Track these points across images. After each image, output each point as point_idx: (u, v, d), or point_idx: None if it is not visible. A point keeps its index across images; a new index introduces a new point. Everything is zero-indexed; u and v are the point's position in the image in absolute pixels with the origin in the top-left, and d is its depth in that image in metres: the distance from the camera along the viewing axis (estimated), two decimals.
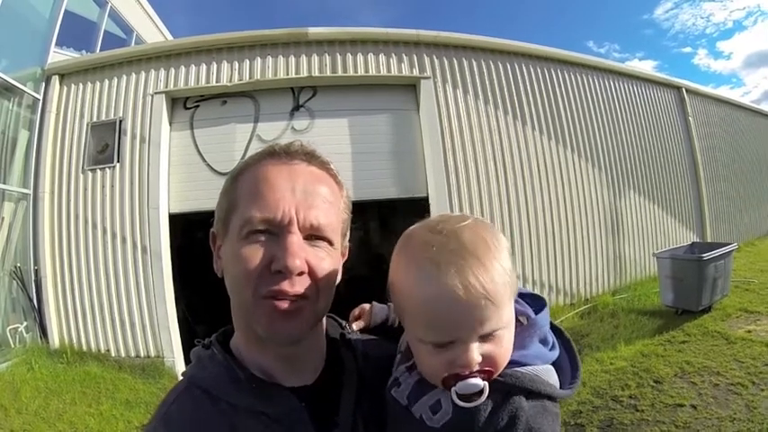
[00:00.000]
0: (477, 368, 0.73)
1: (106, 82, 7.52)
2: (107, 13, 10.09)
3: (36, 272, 7.05)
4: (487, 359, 0.73)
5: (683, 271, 6.48)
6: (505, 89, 8.14)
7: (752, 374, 4.59)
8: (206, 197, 7.24)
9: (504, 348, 0.75)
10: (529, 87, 8.34)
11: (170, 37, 13.49)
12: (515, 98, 8.17)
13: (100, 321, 6.99)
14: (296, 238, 0.77)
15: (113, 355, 6.90)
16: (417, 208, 7.54)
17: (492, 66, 8.15)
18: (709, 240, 10.07)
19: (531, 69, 8.44)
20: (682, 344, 5.67)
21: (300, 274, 0.77)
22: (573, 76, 8.88)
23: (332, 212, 0.84)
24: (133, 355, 6.91)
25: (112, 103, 7.42)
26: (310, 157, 0.87)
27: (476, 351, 0.72)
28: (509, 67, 8.27)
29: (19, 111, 7.36)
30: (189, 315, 8.25)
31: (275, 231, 0.78)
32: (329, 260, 0.83)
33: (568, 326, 6.92)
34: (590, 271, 8.38)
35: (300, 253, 0.77)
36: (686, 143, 10.85)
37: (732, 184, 12.40)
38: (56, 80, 7.51)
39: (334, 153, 0.97)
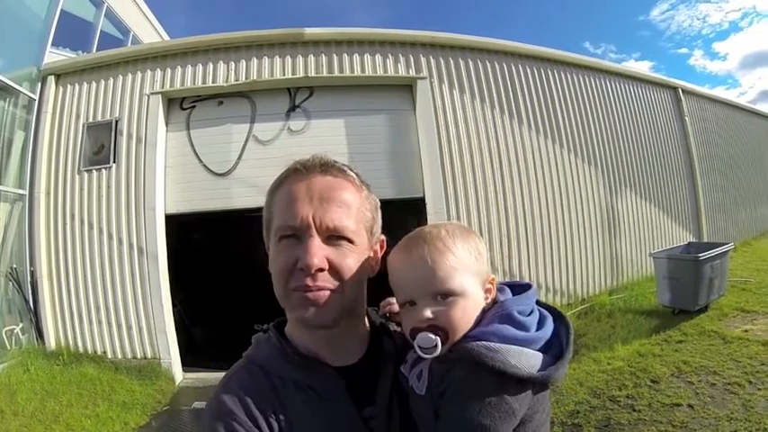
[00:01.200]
0: (429, 324, 0.90)
1: (102, 82, 7.50)
2: (103, 14, 10.06)
3: (32, 273, 7.03)
4: (440, 318, 0.90)
5: (680, 271, 6.50)
6: (502, 89, 8.14)
7: (749, 374, 4.61)
8: (202, 198, 7.25)
9: (457, 312, 0.91)
10: (525, 87, 8.34)
11: (167, 37, 13.46)
12: (512, 98, 8.18)
13: (96, 323, 6.97)
14: (315, 241, 0.91)
15: (110, 356, 6.88)
16: (414, 209, 7.54)
17: (488, 66, 8.15)
18: (705, 240, 10.10)
19: (528, 70, 8.44)
20: (678, 343, 5.69)
21: (321, 270, 0.90)
22: (569, 77, 8.89)
23: (350, 214, 0.96)
24: (130, 356, 6.90)
25: (109, 104, 7.40)
26: (326, 167, 0.99)
27: (428, 309, 0.91)
28: (505, 67, 8.27)
29: (15, 111, 7.33)
30: (185, 316, 8.25)
31: (299, 235, 0.92)
32: (352, 256, 0.95)
33: None
34: (587, 271, 8.39)
35: (319, 252, 0.90)
36: (682, 143, 10.88)
37: (728, 184, 12.45)
38: (52, 80, 7.49)
39: (330, 154, 1.02)
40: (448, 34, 8.00)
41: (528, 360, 0.86)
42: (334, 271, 0.92)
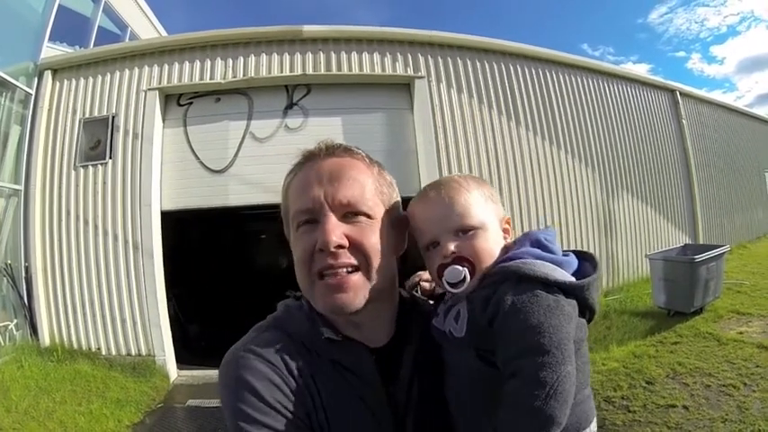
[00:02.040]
0: (454, 257, 0.94)
1: (99, 78, 7.47)
2: (101, 9, 10.00)
3: (26, 269, 6.99)
4: (465, 250, 0.95)
5: (676, 272, 6.50)
6: (500, 89, 8.14)
7: (743, 376, 4.61)
8: (199, 195, 7.22)
9: (479, 243, 0.96)
10: (523, 88, 8.34)
11: (164, 33, 13.41)
12: (509, 98, 8.17)
13: (91, 319, 6.94)
14: (331, 219, 0.90)
15: (104, 353, 6.86)
16: None
17: (486, 66, 8.14)
18: (701, 242, 10.12)
19: (526, 70, 8.44)
20: (674, 345, 5.69)
21: (340, 247, 0.89)
22: (567, 78, 8.89)
23: (363, 188, 0.95)
24: (124, 353, 6.87)
25: (105, 99, 7.37)
26: (331, 149, 1.00)
27: (451, 244, 0.95)
28: (503, 67, 8.26)
29: (11, 106, 7.29)
30: (180, 313, 8.23)
31: (316, 218, 0.91)
32: (373, 231, 0.94)
33: None
34: None
35: (336, 230, 0.89)
36: (679, 145, 10.90)
37: (724, 187, 12.48)
38: (48, 75, 7.45)
39: None
40: (446, 33, 7.98)
41: (563, 275, 0.91)
42: (356, 248, 0.91)
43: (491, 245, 0.97)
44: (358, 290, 0.90)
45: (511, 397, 0.81)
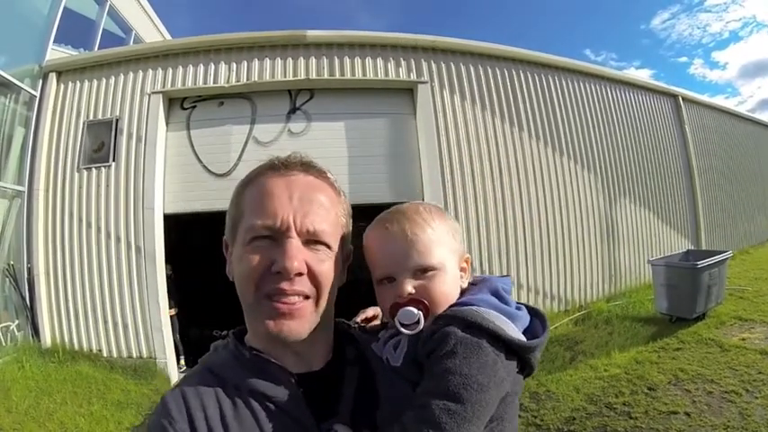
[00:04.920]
0: (410, 298, 0.90)
1: (103, 80, 7.50)
2: (106, 12, 10.07)
3: (29, 270, 7.01)
4: (421, 292, 0.90)
5: (678, 278, 6.49)
6: (503, 95, 8.15)
7: (746, 382, 4.60)
8: (201, 198, 7.23)
9: (437, 285, 0.91)
10: (526, 93, 8.35)
11: (169, 37, 13.47)
12: (512, 104, 8.18)
13: (92, 321, 6.95)
14: (294, 242, 0.84)
15: (105, 355, 6.86)
16: None
17: (489, 71, 8.16)
18: (703, 248, 10.10)
19: (529, 75, 8.45)
20: (676, 351, 5.68)
21: (300, 274, 0.84)
22: (570, 83, 8.90)
23: (329, 218, 0.90)
24: (125, 355, 6.88)
25: (109, 102, 7.40)
26: (307, 167, 0.95)
27: (408, 284, 0.91)
28: (506, 72, 8.28)
29: (15, 107, 7.33)
30: (181, 316, 8.21)
31: (276, 237, 0.85)
32: (328, 263, 0.89)
33: (563, 332, 6.93)
34: (585, 278, 8.38)
35: (298, 255, 0.83)
36: (682, 151, 10.89)
37: (727, 192, 12.46)
38: (53, 77, 7.49)
39: (330, 156, 1.02)
40: (449, 39, 8.00)
41: (514, 331, 0.87)
42: (312, 276, 0.86)
43: (449, 287, 0.93)
44: (306, 319, 0.86)
45: (407, 424, 0.79)
